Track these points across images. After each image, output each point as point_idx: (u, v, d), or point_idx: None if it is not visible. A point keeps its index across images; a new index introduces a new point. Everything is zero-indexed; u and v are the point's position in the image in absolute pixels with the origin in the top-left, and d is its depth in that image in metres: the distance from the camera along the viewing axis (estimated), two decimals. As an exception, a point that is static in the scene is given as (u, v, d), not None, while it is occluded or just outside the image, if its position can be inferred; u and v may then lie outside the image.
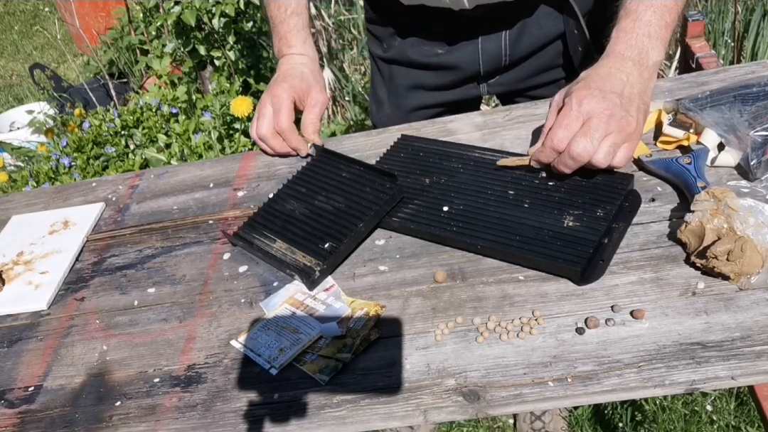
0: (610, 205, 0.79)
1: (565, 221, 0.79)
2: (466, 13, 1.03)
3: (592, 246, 0.75)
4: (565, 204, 0.81)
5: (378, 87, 1.28)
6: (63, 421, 0.73)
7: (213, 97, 2.41)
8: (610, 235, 0.77)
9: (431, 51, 1.14)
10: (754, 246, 0.67)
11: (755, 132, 0.79)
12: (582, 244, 0.75)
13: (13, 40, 4.96)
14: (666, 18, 0.82)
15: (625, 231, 0.78)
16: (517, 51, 1.10)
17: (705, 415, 1.58)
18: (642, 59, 0.81)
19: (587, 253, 0.74)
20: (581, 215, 0.79)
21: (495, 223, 0.81)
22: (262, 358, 0.74)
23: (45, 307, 0.90)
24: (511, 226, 0.80)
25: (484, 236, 0.80)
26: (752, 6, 2.34)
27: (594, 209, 0.79)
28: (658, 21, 0.82)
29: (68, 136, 2.30)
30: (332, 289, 0.81)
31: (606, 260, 0.75)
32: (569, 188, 0.83)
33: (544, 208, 0.81)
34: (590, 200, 0.80)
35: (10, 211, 1.12)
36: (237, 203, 1.01)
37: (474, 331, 0.72)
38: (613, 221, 0.78)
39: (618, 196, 0.80)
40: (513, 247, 0.77)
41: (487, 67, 1.12)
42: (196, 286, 0.87)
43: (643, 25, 0.82)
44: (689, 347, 0.64)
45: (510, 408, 0.64)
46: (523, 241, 0.78)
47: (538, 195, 0.83)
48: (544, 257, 0.75)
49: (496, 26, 1.07)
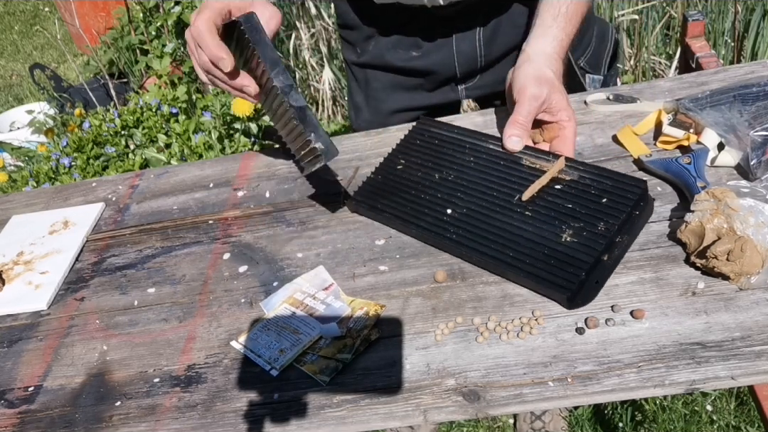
0: (614, 218, 0.75)
1: (563, 235, 0.75)
2: (439, 12, 1.04)
3: (585, 268, 0.71)
4: (567, 215, 0.77)
5: (355, 93, 1.27)
6: (63, 421, 0.73)
7: (213, 97, 2.41)
8: (611, 251, 0.73)
9: (406, 54, 1.14)
10: (754, 246, 0.67)
11: (755, 132, 0.79)
12: (575, 266, 0.72)
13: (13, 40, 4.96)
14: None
15: (629, 245, 0.75)
16: (491, 51, 1.10)
17: (705, 415, 1.58)
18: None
19: (578, 277, 0.71)
20: (582, 228, 0.75)
21: (493, 233, 0.79)
22: (262, 359, 0.74)
23: (45, 307, 0.90)
24: (508, 238, 0.78)
25: (480, 248, 0.78)
26: (752, 6, 2.34)
27: (597, 222, 0.75)
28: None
29: (68, 136, 2.30)
30: (332, 288, 0.81)
31: (601, 282, 0.72)
32: (576, 193, 0.80)
33: (546, 217, 0.78)
34: (595, 210, 0.77)
35: (10, 211, 1.12)
36: (237, 203, 1.01)
37: (474, 331, 0.72)
38: (617, 234, 0.74)
39: (625, 206, 0.76)
40: (505, 264, 0.76)
41: (463, 68, 1.12)
42: (196, 286, 0.87)
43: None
44: (689, 347, 0.64)
45: (510, 408, 0.64)
46: (516, 257, 0.75)
47: (542, 201, 0.80)
48: (533, 279, 0.73)
49: (470, 24, 1.07)
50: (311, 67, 3.07)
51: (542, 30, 0.93)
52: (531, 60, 0.90)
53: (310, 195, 0.99)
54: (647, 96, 1.00)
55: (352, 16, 1.16)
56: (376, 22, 1.14)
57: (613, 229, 0.74)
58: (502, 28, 1.08)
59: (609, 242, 0.74)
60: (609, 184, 0.79)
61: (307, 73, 3.11)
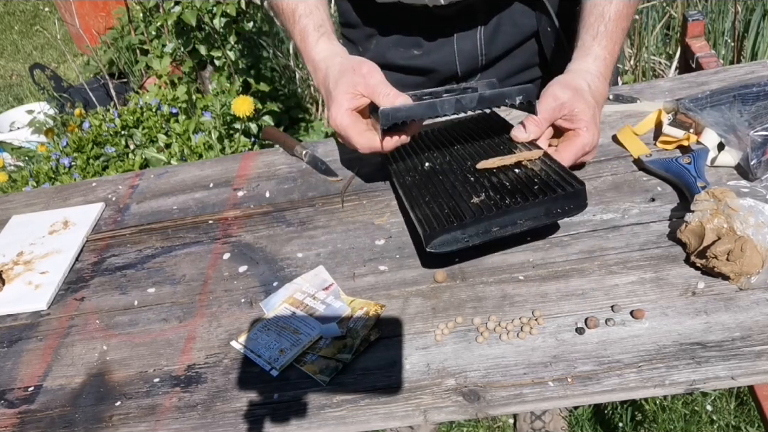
0: (524, 199, 0.75)
1: (475, 198, 0.78)
2: (440, 11, 1.04)
3: (464, 220, 0.74)
4: (496, 187, 0.79)
5: None
6: (63, 421, 0.73)
7: (213, 97, 2.41)
8: (504, 225, 0.75)
9: (408, 53, 1.14)
10: (754, 246, 0.67)
11: (755, 132, 0.79)
12: (457, 216, 0.75)
13: (13, 40, 4.96)
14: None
15: (529, 228, 0.75)
16: (492, 50, 1.10)
17: (705, 415, 1.58)
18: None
19: (450, 223, 0.74)
20: (491, 197, 0.77)
21: (432, 183, 0.85)
22: (262, 359, 0.74)
23: (45, 307, 0.90)
24: (433, 188, 0.83)
25: (414, 190, 0.85)
26: (752, 6, 2.35)
27: (510, 197, 0.76)
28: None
29: (68, 136, 2.31)
30: (332, 288, 0.81)
31: (479, 246, 0.75)
32: (523, 178, 0.80)
33: (478, 184, 0.80)
34: (521, 189, 0.77)
35: (10, 211, 1.12)
36: (237, 203, 1.01)
37: (474, 331, 0.72)
38: (517, 212, 0.75)
39: (544, 194, 0.75)
40: (410, 203, 0.82)
41: (464, 67, 1.13)
42: (195, 286, 0.87)
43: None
44: (689, 347, 0.64)
45: (510, 408, 0.64)
46: (420, 198, 0.82)
47: (492, 174, 0.82)
48: (417, 214, 0.79)
49: (470, 24, 1.07)
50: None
51: (583, 51, 0.90)
52: (569, 71, 0.89)
53: (310, 195, 0.99)
54: (647, 96, 1.00)
55: (354, 15, 1.16)
56: (377, 22, 1.14)
57: (513, 205, 0.75)
58: (503, 28, 1.08)
59: (502, 213, 0.75)
60: (552, 177, 0.78)
61: (307, 73, 3.11)
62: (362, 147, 0.84)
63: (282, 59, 3.10)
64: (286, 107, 2.99)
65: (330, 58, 0.90)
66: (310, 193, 0.99)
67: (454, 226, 0.75)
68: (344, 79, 0.85)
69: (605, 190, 0.86)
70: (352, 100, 0.84)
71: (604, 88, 0.89)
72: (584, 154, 0.86)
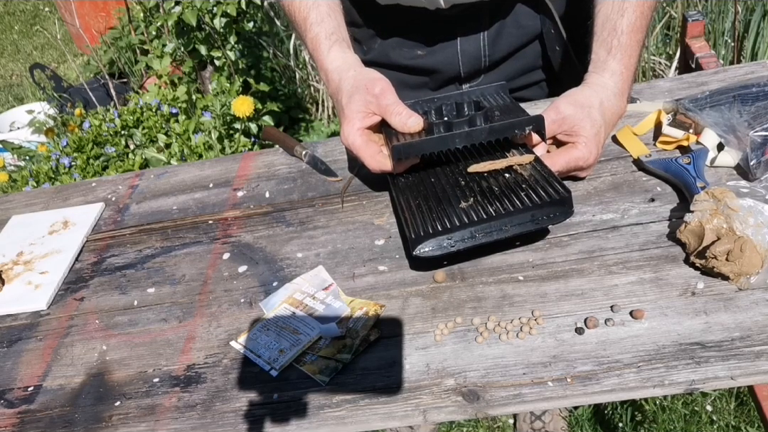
0: (511, 205, 0.76)
1: (463, 203, 0.78)
2: (443, 13, 1.04)
3: (445, 227, 0.75)
4: (484, 192, 0.79)
5: None
6: (62, 421, 0.73)
7: (213, 97, 2.41)
8: (489, 232, 0.75)
9: (411, 53, 1.14)
10: (753, 246, 0.67)
11: (755, 132, 0.79)
12: (441, 221, 0.76)
13: (13, 40, 4.96)
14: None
15: (514, 236, 0.75)
16: (495, 51, 1.10)
17: (705, 415, 1.58)
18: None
19: (434, 230, 0.75)
20: (479, 202, 0.78)
21: (423, 184, 0.84)
22: (262, 359, 0.74)
23: (45, 307, 0.90)
24: (424, 189, 0.83)
25: (406, 189, 0.85)
26: (752, 6, 2.35)
27: (497, 203, 0.77)
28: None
29: (68, 136, 2.31)
30: (331, 288, 0.81)
31: (463, 249, 0.75)
32: (512, 184, 0.80)
33: (467, 189, 0.81)
34: (508, 195, 0.78)
35: (10, 211, 1.12)
36: (237, 203, 1.01)
37: (473, 331, 0.72)
38: (501, 219, 0.75)
39: (530, 201, 0.76)
40: (401, 206, 0.82)
41: (467, 68, 1.13)
42: (195, 286, 0.87)
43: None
44: (689, 347, 0.64)
45: (509, 408, 0.64)
46: (412, 202, 0.82)
47: (482, 178, 0.82)
48: (407, 215, 0.79)
49: (473, 26, 1.07)
50: (311, 67, 3.07)
51: (599, 65, 0.89)
52: (585, 84, 0.88)
53: (310, 195, 0.99)
54: (647, 96, 1.00)
55: (357, 15, 1.16)
56: (380, 22, 1.14)
57: (499, 212, 0.76)
58: (506, 30, 1.08)
59: (488, 220, 0.75)
60: (540, 183, 0.78)
61: (307, 73, 3.11)
62: (373, 169, 0.86)
63: (282, 59, 3.10)
64: (286, 107, 3.00)
65: (343, 71, 0.91)
66: (310, 194, 0.99)
67: (440, 231, 0.75)
68: (357, 97, 0.87)
69: (605, 190, 0.86)
70: (365, 119, 0.86)
71: (620, 105, 0.88)
72: (577, 168, 0.85)
